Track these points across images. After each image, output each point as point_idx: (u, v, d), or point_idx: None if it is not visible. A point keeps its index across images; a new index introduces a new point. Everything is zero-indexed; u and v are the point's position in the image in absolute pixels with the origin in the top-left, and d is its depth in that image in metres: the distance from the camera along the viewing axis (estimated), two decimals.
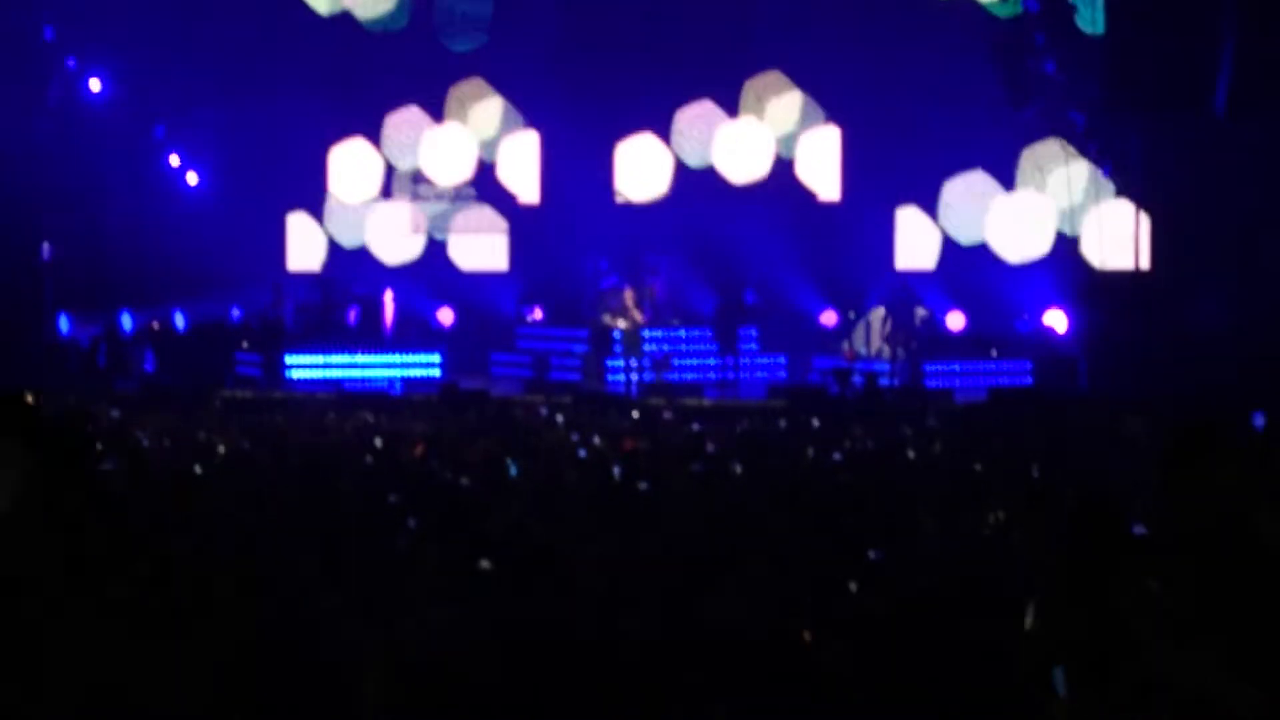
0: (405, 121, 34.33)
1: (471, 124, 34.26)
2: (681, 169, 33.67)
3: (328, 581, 9.01)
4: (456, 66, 33.92)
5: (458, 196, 34.61)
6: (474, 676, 7.61)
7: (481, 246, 34.39)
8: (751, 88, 33.62)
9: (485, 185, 34.40)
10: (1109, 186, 30.40)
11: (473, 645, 7.94)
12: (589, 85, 32.18)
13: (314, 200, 34.25)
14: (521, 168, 34.28)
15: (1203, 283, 26.01)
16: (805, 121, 33.61)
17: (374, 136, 34.20)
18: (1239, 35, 25.32)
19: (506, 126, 34.24)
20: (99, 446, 17.20)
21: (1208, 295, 25.73)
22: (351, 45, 33.23)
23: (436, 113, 34.21)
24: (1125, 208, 30.87)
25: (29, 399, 6.39)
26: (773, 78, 33.58)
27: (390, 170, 34.43)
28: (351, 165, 34.39)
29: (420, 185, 34.54)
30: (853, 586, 8.87)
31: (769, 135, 33.65)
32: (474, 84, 34.22)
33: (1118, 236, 30.23)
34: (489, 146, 34.28)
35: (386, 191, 34.51)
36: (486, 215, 34.49)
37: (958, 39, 30.01)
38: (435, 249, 34.31)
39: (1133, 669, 5.96)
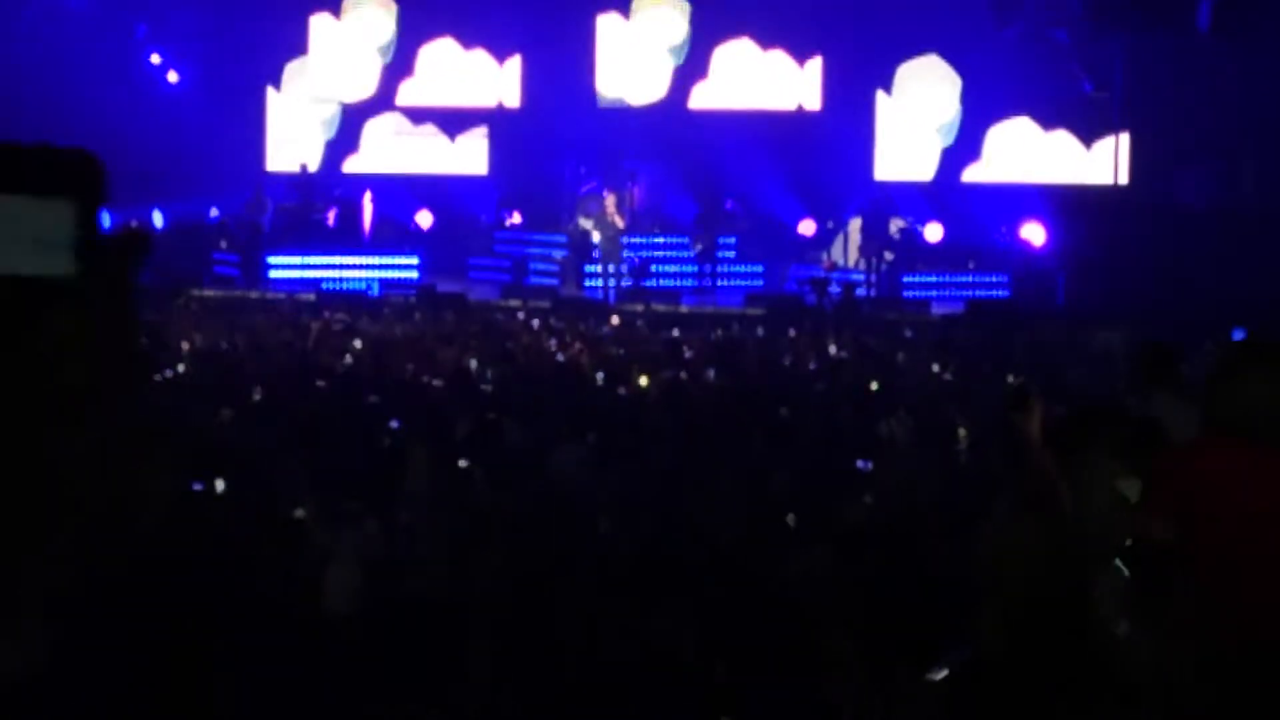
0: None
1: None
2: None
3: (305, 483, 9.06)
4: None
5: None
6: (449, 580, 7.68)
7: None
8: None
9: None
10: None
11: (449, 547, 8.01)
12: None
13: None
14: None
15: (1182, 200, 26.02)
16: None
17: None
18: None
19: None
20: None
21: (1187, 212, 25.77)
22: None
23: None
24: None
25: None
26: None
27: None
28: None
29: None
30: (829, 494, 8.95)
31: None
32: None
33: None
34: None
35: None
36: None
37: None
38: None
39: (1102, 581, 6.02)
